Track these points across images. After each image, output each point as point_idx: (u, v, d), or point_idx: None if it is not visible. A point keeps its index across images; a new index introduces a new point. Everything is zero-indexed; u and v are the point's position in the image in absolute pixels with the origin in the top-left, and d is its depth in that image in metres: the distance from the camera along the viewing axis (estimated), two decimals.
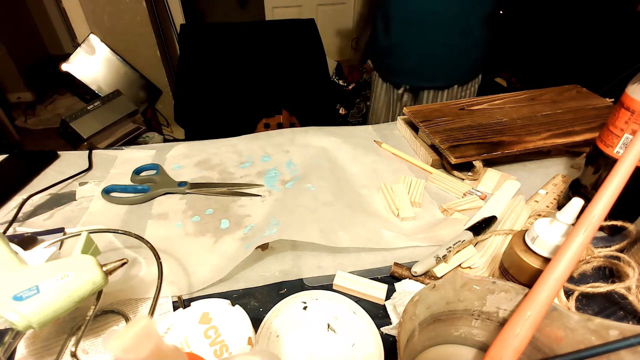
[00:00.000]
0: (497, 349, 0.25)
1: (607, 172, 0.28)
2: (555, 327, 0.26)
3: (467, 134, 0.55)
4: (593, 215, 0.26)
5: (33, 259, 0.30)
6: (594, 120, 0.57)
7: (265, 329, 0.32)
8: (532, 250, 0.30)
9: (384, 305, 0.36)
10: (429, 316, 0.28)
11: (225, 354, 0.27)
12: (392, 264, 0.39)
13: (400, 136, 0.64)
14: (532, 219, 0.44)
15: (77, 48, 1.72)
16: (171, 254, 0.41)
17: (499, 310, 0.28)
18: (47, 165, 0.55)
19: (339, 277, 0.38)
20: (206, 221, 0.46)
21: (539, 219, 0.31)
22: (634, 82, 0.36)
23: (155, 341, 0.14)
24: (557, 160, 0.56)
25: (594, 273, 0.38)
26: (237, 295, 0.37)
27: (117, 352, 0.13)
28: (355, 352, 0.32)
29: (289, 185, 0.51)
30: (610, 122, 0.39)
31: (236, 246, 0.42)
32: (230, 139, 0.62)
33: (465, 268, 0.39)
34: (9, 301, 0.25)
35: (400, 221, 0.45)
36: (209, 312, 0.30)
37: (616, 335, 0.23)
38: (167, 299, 0.36)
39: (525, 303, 0.25)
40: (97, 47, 1.74)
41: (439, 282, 0.27)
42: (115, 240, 0.42)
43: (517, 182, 0.50)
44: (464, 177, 0.52)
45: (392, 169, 0.55)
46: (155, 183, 0.51)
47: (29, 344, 0.32)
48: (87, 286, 0.28)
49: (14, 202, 0.48)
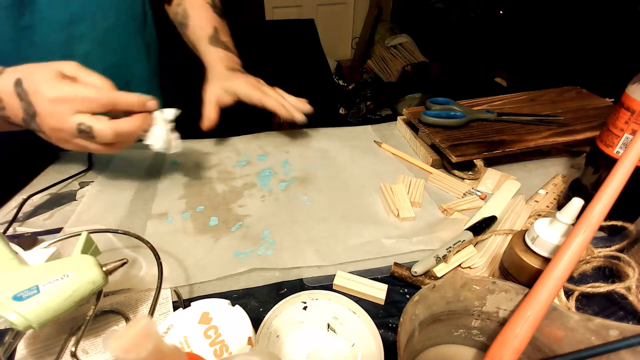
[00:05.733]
0: (497, 349, 0.25)
1: (607, 172, 0.28)
2: (555, 327, 0.26)
3: (467, 134, 0.55)
4: (593, 215, 0.26)
5: (33, 259, 0.30)
6: (594, 120, 0.57)
7: (265, 329, 0.32)
8: (532, 250, 0.30)
9: (384, 305, 0.36)
10: (429, 316, 0.28)
11: (225, 354, 0.27)
12: (392, 264, 0.39)
13: (400, 136, 0.64)
14: (532, 219, 0.44)
15: None
16: (171, 253, 0.41)
17: (499, 310, 0.28)
18: (47, 165, 0.55)
19: (339, 277, 0.38)
20: (195, 218, 0.46)
21: (539, 219, 0.31)
22: (634, 82, 0.36)
23: (155, 341, 0.14)
24: (557, 160, 0.56)
25: (594, 273, 0.38)
26: (237, 295, 0.37)
27: (117, 352, 0.13)
28: (355, 352, 0.32)
29: (282, 186, 0.51)
30: (610, 122, 0.39)
31: (234, 246, 0.42)
32: (228, 139, 0.63)
33: (465, 268, 0.39)
34: (9, 301, 0.25)
35: (400, 222, 0.45)
36: (209, 312, 0.30)
37: (616, 335, 0.23)
38: (167, 299, 0.36)
39: (525, 303, 0.25)
40: None
41: (439, 282, 0.27)
42: (115, 240, 0.42)
43: (517, 182, 0.50)
44: (465, 177, 0.52)
45: (391, 169, 0.55)
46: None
47: (29, 344, 0.32)
48: (87, 286, 0.28)
49: (14, 202, 0.48)
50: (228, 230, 0.44)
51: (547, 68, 1.66)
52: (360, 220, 0.46)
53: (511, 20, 1.82)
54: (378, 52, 2.50)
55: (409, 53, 2.25)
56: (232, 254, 0.41)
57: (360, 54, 2.67)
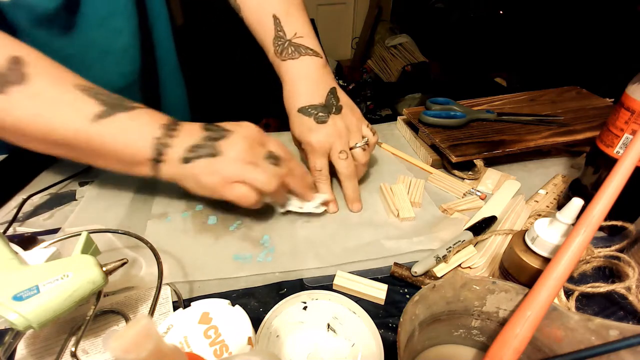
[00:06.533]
0: (497, 349, 0.25)
1: (607, 172, 0.28)
2: (555, 327, 0.26)
3: (467, 134, 0.55)
4: (593, 215, 0.26)
5: (33, 259, 0.30)
6: (594, 120, 0.57)
7: (265, 329, 0.32)
8: (532, 250, 0.30)
9: (384, 305, 0.36)
10: (429, 316, 0.28)
11: (225, 354, 0.27)
12: (392, 264, 0.39)
13: (400, 136, 0.64)
14: (532, 219, 0.44)
15: None
16: (171, 253, 0.41)
17: (499, 310, 0.28)
18: (47, 165, 0.55)
19: (339, 277, 0.38)
20: (194, 217, 0.46)
21: (539, 219, 0.31)
22: (634, 82, 0.36)
23: (155, 341, 0.14)
24: (557, 160, 0.56)
25: (594, 273, 0.38)
26: (237, 295, 0.37)
27: (117, 352, 0.13)
28: (355, 352, 0.32)
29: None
30: (610, 122, 0.39)
31: (233, 247, 0.42)
32: None
33: (465, 268, 0.39)
34: (9, 301, 0.25)
35: (400, 222, 0.45)
36: (209, 312, 0.30)
37: (616, 335, 0.23)
38: (167, 299, 0.36)
39: (525, 303, 0.25)
40: None
41: (439, 282, 0.27)
42: (115, 240, 0.42)
43: (517, 182, 0.50)
44: (465, 177, 0.52)
45: (391, 169, 0.55)
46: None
47: (29, 344, 0.32)
48: (87, 286, 0.28)
49: (14, 202, 0.48)
50: (227, 230, 0.44)
51: (547, 68, 1.66)
52: (360, 220, 0.46)
53: (511, 20, 1.82)
54: (378, 52, 2.50)
55: (409, 53, 2.25)
56: (231, 256, 0.41)
57: (360, 54, 2.67)
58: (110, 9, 0.50)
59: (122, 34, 0.52)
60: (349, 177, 0.45)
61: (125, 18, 0.52)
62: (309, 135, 0.44)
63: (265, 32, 0.48)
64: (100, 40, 0.50)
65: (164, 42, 0.61)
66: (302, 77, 0.46)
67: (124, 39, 0.52)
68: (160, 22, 0.59)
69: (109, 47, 0.52)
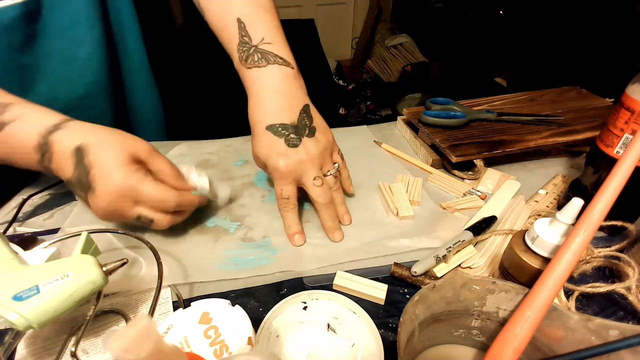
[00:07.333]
0: (497, 349, 0.25)
1: (607, 172, 0.28)
2: (555, 327, 0.26)
3: (467, 134, 0.55)
4: (593, 215, 0.26)
5: (33, 259, 0.30)
6: (594, 120, 0.57)
7: (265, 329, 0.32)
8: (532, 250, 0.30)
9: (384, 305, 0.36)
10: (429, 316, 0.28)
11: (225, 354, 0.27)
12: (392, 264, 0.39)
13: (400, 136, 0.64)
14: (532, 219, 0.44)
15: None
16: (171, 253, 0.41)
17: (499, 310, 0.28)
18: None
19: (339, 277, 0.38)
20: (195, 217, 0.46)
21: (539, 219, 0.31)
22: (634, 82, 0.36)
23: (155, 341, 0.14)
24: (557, 160, 0.56)
25: (594, 273, 0.38)
26: (237, 295, 0.37)
27: (117, 352, 0.13)
28: (355, 352, 0.32)
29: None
30: (610, 122, 0.39)
31: (233, 248, 0.42)
32: (228, 139, 0.62)
33: (465, 268, 0.39)
34: (9, 301, 0.25)
35: (400, 220, 0.45)
36: (209, 312, 0.30)
37: (616, 335, 0.23)
38: (167, 299, 0.36)
39: (525, 303, 0.25)
40: None
41: (439, 282, 0.27)
42: (115, 240, 0.42)
43: (517, 182, 0.50)
44: (465, 177, 0.52)
45: (390, 169, 0.55)
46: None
47: (29, 344, 0.32)
48: (87, 286, 0.28)
49: (14, 202, 0.48)
50: (227, 231, 0.44)
51: (547, 68, 1.66)
52: (359, 220, 0.46)
53: (511, 20, 1.82)
54: (378, 52, 2.50)
55: (409, 53, 2.25)
56: (231, 257, 0.41)
57: (360, 54, 2.67)
58: (72, 19, 0.49)
59: (84, 43, 0.52)
60: (325, 206, 0.41)
61: (88, 28, 0.51)
62: (277, 160, 0.39)
63: (229, 38, 0.44)
64: (62, 49, 0.50)
65: (134, 52, 0.60)
66: (271, 89, 0.41)
67: (86, 49, 0.52)
68: (130, 32, 0.58)
69: (71, 57, 0.51)
